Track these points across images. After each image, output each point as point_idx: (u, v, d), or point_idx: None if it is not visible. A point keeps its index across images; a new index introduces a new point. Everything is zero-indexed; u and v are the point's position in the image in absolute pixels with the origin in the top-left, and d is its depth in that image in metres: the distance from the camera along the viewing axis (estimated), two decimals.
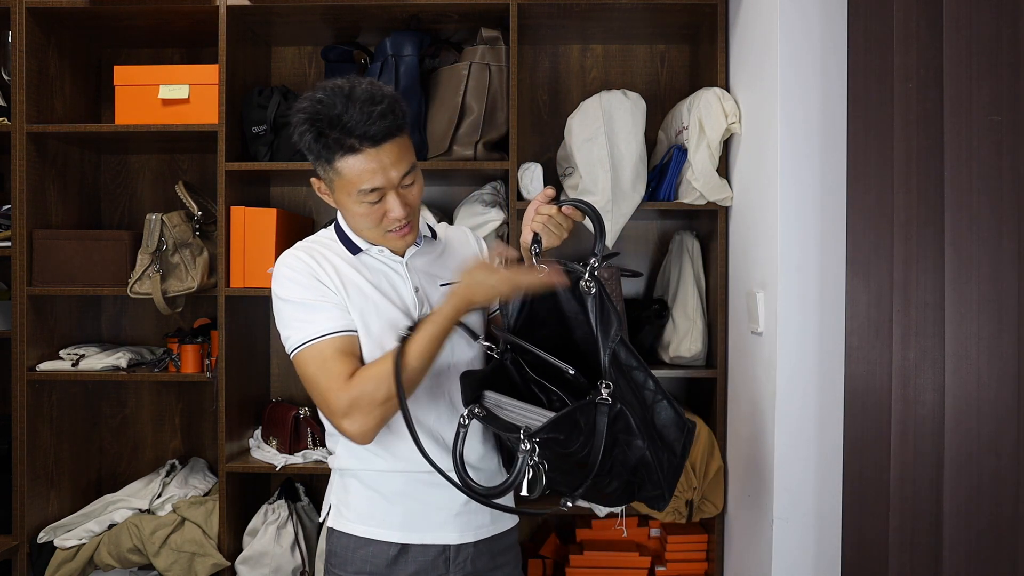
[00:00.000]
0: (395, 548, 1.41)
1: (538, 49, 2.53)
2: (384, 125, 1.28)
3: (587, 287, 1.32)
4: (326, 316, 1.35)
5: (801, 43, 1.71)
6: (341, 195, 1.35)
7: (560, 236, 1.38)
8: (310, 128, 1.30)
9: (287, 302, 1.37)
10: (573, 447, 1.23)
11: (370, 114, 1.27)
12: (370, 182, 1.31)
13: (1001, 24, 1.21)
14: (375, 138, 1.28)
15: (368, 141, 1.28)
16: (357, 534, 1.42)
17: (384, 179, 1.31)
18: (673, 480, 1.34)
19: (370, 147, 1.29)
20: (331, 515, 1.47)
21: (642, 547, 2.24)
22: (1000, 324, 1.21)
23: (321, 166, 1.34)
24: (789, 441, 1.72)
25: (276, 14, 2.25)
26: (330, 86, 1.31)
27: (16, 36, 2.19)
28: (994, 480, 1.21)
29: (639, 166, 2.12)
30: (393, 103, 1.31)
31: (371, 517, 1.42)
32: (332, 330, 1.34)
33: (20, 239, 2.22)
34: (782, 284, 1.72)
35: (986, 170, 1.23)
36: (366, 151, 1.29)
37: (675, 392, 2.53)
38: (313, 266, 1.38)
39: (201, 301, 2.49)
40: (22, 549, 2.23)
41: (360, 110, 1.27)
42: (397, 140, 1.32)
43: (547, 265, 1.34)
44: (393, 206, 1.33)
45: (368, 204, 1.33)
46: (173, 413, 2.60)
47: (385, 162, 1.30)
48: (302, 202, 2.58)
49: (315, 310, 1.35)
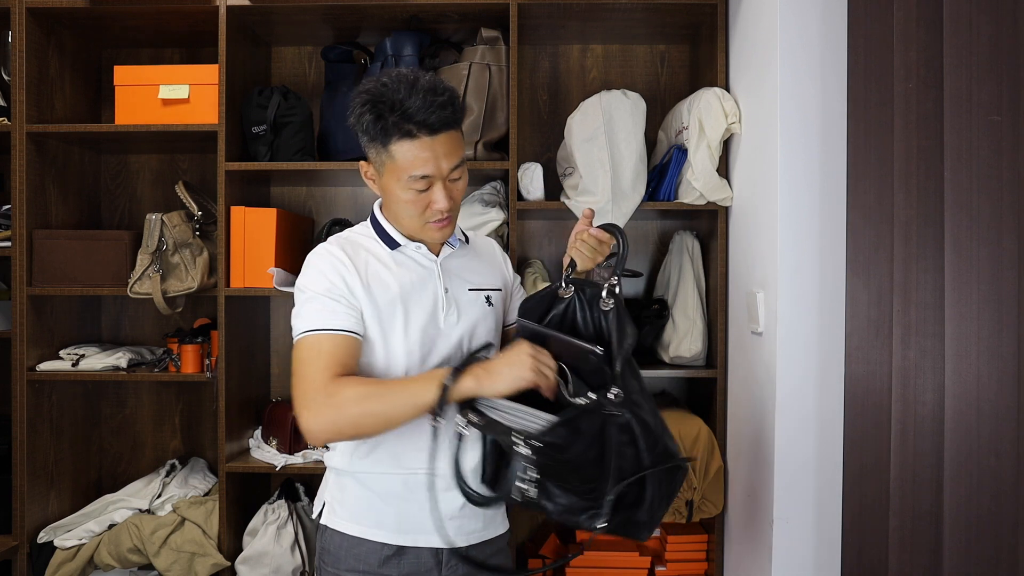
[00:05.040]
0: (388, 549, 1.41)
1: (538, 49, 2.53)
2: (443, 115, 1.32)
3: (605, 304, 1.33)
4: (337, 312, 1.36)
5: (801, 43, 1.71)
6: (390, 179, 1.37)
7: (593, 259, 1.43)
8: (371, 109, 1.33)
9: (307, 291, 1.39)
10: (572, 453, 1.22)
11: (431, 103, 1.31)
12: (422, 169, 1.34)
13: (1001, 24, 1.21)
14: (432, 126, 1.32)
15: (425, 128, 1.32)
16: (350, 533, 1.42)
17: (435, 168, 1.34)
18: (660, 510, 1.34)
19: (426, 135, 1.32)
20: (325, 512, 1.47)
21: (642, 547, 2.24)
22: (1000, 324, 1.21)
23: (375, 148, 1.37)
24: (789, 441, 1.72)
25: (276, 14, 2.25)
26: (395, 73, 1.35)
27: (16, 36, 2.19)
28: (994, 480, 1.21)
29: (639, 166, 2.12)
30: (453, 97, 1.35)
31: (365, 517, 1.42)
32: (337, 327, 1.34)
33: (20, 239, 2.22)
34: (782, 284, 1.72)
35: (986, 170, 1.22)
36: (422, 138, 1.32)
37: (675, 392, 2.53)
38: (344, 261, 1.39)
39: (201, 301, 2.49)
40: (22, 549, 2.23)
41: (422, 98, 1.31)
42: (452, 133, 1.36)
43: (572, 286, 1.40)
44: (438, 197, 1.36)
45: (415, 192, 1.36)
46: (173, 413, 2.60)
47: (438, 152, 1.34)
48: (302, 202, 2.58)
49: (329, 304, 1.36)
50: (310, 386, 1.31)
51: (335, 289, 1.37)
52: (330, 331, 1.34)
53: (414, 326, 1.40)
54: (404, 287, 1.41)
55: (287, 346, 2.57)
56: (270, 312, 2.57)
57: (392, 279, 1.41)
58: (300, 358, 1.34)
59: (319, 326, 1.34)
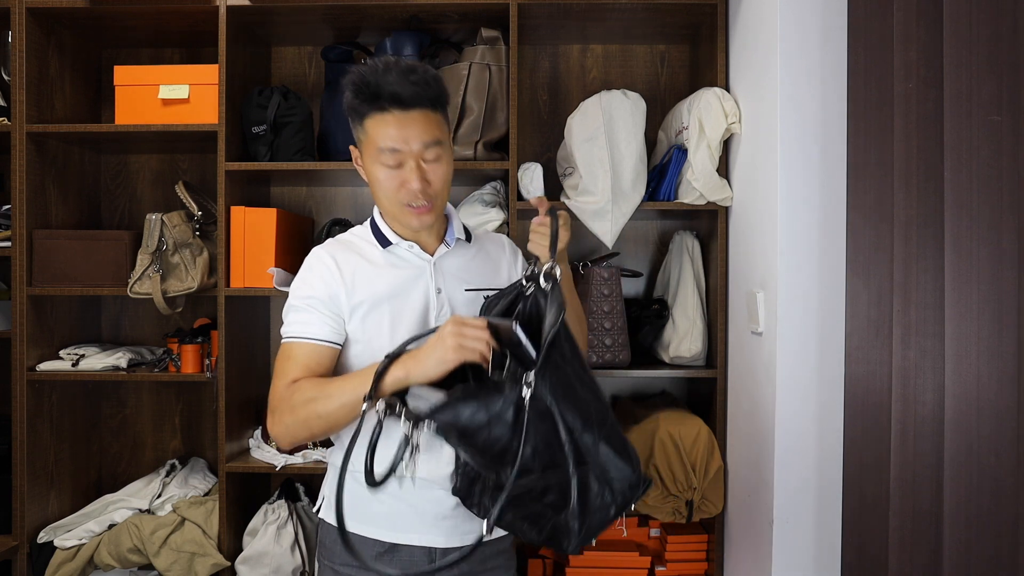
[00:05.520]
0: (380, 546, 1.41)
1: (538, 49, 2.53)
2: (415, 91, 1.33)
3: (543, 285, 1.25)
4: (311, 322, 1.38)
5: (801, 43, 1.71)
6: (367, 159, 1.39)
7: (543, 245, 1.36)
8: (351, 89, 1.35)
9: (291, 298, 1.43)
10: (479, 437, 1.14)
11: (405, 79, 1.32)
12: (391, 142, 1.34)
13: (1001, 24, 1.21)
14: (403, 102, 1.32)
15: (397, 103, 1.32)
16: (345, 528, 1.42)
17: (403, 142, 1.34)
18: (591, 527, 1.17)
19: (398, 109, 1.33)
20: (323, 506, 1.49)
21: (642, 547, 2.24)
22: (1000, 324, 1.21)
23: (356, 128, 1.39)
24: (789, 441, 1.72)
25: (276, 14, 2.25)
26: (383, 58, 1.37)
27: (16, 36, 2.19)
28: (994, 480, 1.21)
29: (639, 166, 2.12)
30: (431, 78, 1.35)
31: (359, 513, 1.42)
32: (309, 336, 1.38)
33: (20, 239, 2.22)
34: (782, 284, 1.72)
35: (986, 170, 1.22)
36: (393, 112, 1.33)
37: (675, 392, 2.53)
38: (330, 267, 1.40)
39: (201, 301, 2.49)
40: (22, 549, 2.23)
41: (396, 75, 1.32)
42: (427, 112, 1.35)
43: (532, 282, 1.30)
44: (410, 176, 1.35)
45: (387, 168, 1.36)
46: (173, 413, 2.60)
47: (408, 127, 1.34)
48: (302, 202, 2.58)
49: (308, 313, 1.39)
50: (274, 394, 1.36)
51: (315, 297, 1.39)
52: (302, 339, 1.38)
53: (401, 327, 1.39)
54: (392, 288, 1.41)
55: None
56: (270, 312, 2.57)
57: (380, 280, 1.41)
58: (275, 366, 1.40)
59: (293, 334, 1.39)
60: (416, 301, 1.42)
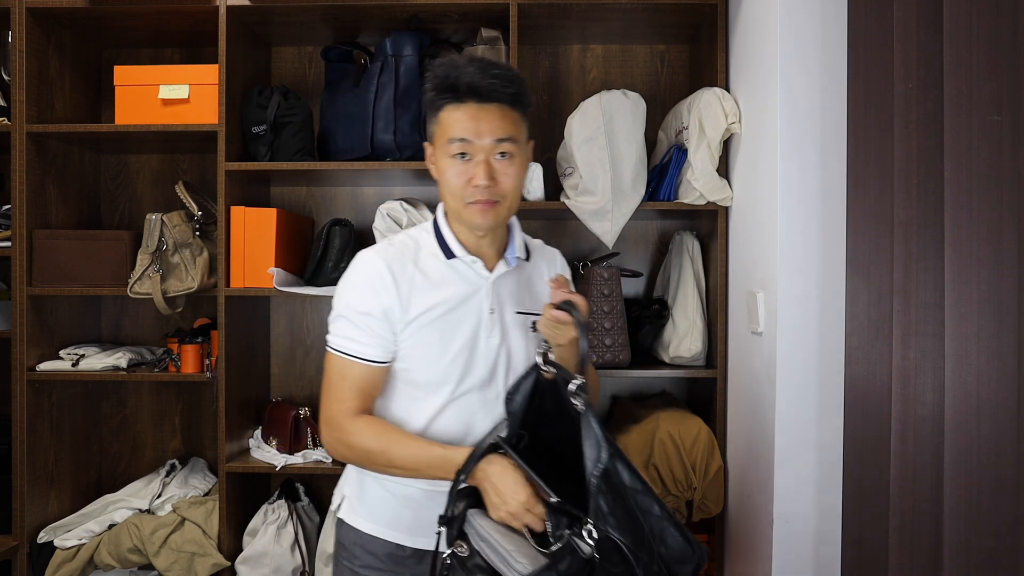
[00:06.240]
0: (402, 550, 1.42)
1: (538, 49, 2.53)
2: (494, 84, 1.30)
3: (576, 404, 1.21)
4: (366, 342, 1.35)
5: (801, 43, 1.71)
6: (438, 152, 1.36)
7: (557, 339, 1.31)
8: (430, 81, 1.34)
9: (342, 302, 1.38)
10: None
11: (484, 72, 1.30)
12: (461, 131, 1.31)
13: (1001, 24, 1.21)
14: (480, 93, 1.30)
15: (473, 95, 1.30)
16: (366, 531, 1.43)
17: (475, 134, 1.31)
18: None
19: (474, 101, 1.31)
20: (343, 506, 1.48)
21: None
22: (1000, 324, 1.21)
23: (431, 121, 1.36)
24: (789, 441, 1.72)
25: (276, 14, 2.25)
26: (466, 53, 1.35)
27: (16, 36, 2.19)
28: (994, 480, 1.21)
29: (639, 166, 2.12)
30: (514, 77, 1.33)
31: (382, 516, 1.42)
32: (364, 357, 1.36)
33: (20, 239, 2.22)
34: (782, 284, 1.72)
35: (986, 170, 1.22)
36: (468, 103, 1.31)
37: (675, 392, 2.53)
38: (387, 282, 1.35)
39: (201, 301, 2.49)
40: (22, 549, 2.23)
41: (476, 68, 1.30)
42: (504, 108, 1.32)
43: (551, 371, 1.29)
44: (478, 171, 1.32)
45: (455, 161, 1.33)
46: (173, 413, 2.60)
47: (482, 120, 1.31)
48: (302, 202, 2.58)
49: (361, 331, 1.35)
50: (332, 414, 1.36)
51: (370, 315, 1.35)
52: (357, 360, 1.35)
53: (454, 344, 1.37)
54: (447, 305, 1.37)
55: (287, 346, 2.58)
56: (270, 312, 2.57)
57: (435, 296, 1.37)
58: (328, 374, 1.38)
59: (350, 352, 1.35)
60: (469, 319, 1.38)
